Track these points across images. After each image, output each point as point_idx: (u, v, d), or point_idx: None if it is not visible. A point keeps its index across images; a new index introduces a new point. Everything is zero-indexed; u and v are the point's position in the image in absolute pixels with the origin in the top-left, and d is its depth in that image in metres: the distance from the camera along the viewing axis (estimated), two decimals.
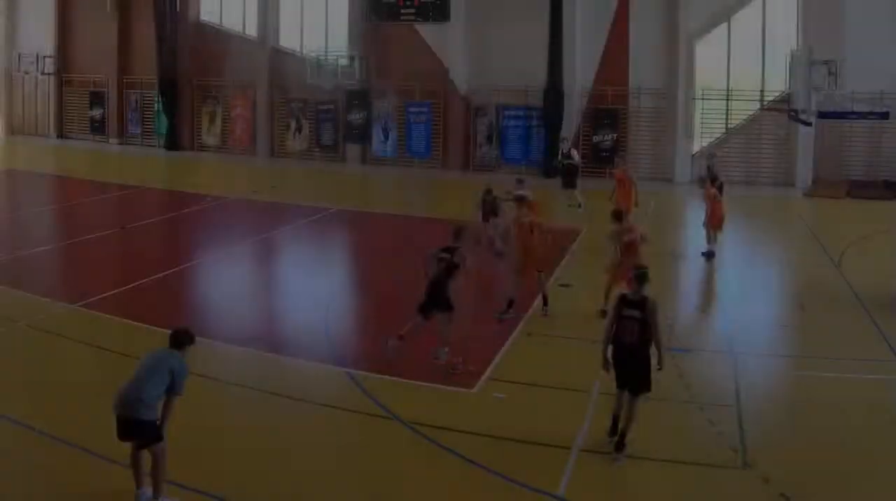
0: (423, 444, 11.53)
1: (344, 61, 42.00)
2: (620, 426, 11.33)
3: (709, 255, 22.97)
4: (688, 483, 10.69)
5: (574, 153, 31.74)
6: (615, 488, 10.71)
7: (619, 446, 11.19)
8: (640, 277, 11.53)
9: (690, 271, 23.01)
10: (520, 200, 18.59)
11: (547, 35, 38.62)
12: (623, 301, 11.49)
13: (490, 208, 22.09)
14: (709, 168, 27.63)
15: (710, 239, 23.14)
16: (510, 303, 17.09)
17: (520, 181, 22.37)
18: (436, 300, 14.25)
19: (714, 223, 22.99)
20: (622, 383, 11.37)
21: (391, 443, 11.67)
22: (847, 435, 11.99)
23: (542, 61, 38.91)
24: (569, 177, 31.01)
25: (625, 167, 26.26)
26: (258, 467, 10.71)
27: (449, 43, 41.31)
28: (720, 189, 24.77)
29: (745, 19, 38.18)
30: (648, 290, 11.56)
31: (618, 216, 17.69)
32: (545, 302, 17.57)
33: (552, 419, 12.44)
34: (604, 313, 15.43)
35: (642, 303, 11.26)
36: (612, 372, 11.49)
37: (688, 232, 27.47)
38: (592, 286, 17.75)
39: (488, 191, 22.39)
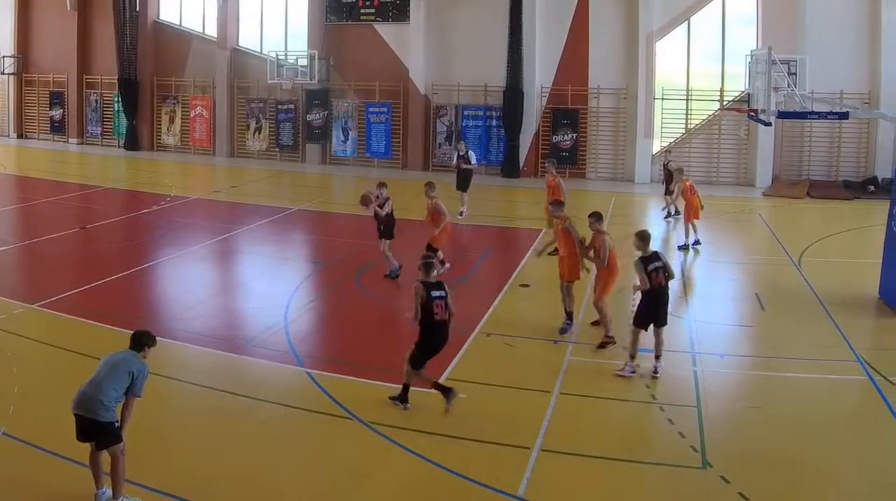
0: (382, 443, 11.23)
1: (304, 61, 40.29)
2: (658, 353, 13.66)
3: (693, 244, 23.17)
4: (648, 483, 10.50)
5: (472, 155, 28.90)
6: (575, 488, 10.27)
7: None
8: (643, 236, 14.05)
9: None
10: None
11: (507, 35, 37.22)
12: (644, 260, 13.66)
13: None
14: (664, 166, 27.44)
15: (689, 231, 23.27)
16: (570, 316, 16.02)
17: (381, 185, 20.20)
18: None
19: (692, 215, 23.01)
20: (657, 321, 13.71)
21: (351, 443, 11.33)
22: (807, 435, 11.69)
23: (502, 61, 37.48)
24: (463, 180, 28.17)
25: (554, 174, 24.13)
26: (218, 466, 10.50)
27: (409, 43, 39.57)
28: (669, 182, 25.64)
29: (705, 19, 36.86)
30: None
31: (559, 205, 16.99)
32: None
33: (512, 419, 12.08)
34: (596, 323, 15.65)
35: (657, 256, 13.82)
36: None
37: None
38: (553, 286, 16.65)
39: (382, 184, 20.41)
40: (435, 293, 12.02)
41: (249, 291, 19.42)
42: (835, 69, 32.99)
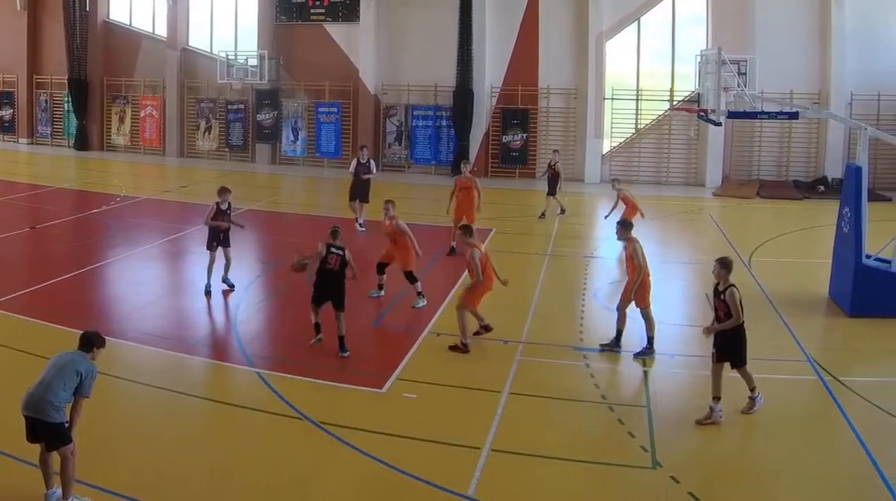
0: (333, 444, 10.72)
1: (254, 61, 37.89)
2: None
3: None
4: (598, 483, 10.06)
5: (373, 164, 25.06)
6: (525, 488, 9.81)
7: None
8: (726, 264, 12.14)
9: (602, 272, 20.65)
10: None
11: (457, 35, 35.06)
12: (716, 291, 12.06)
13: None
14: (550, 166, 26.81)
15: None
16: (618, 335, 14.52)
17: (223, 190, 17.91)
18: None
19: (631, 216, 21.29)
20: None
21: (301, 443, 10.82)
22: (756, 435, 11.35)
23: (452, 61, 35.32)
24: (362, 189, 24.37)
25: (470, 176, 22.10)
26: (167, 466, 10.05)
27: (359, 43, 37.19)
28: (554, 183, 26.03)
29: (655, 19, 34.87)
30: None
31: (467, 231, 14.96)
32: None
33: (462, 418, 11.62)
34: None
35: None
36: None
37: (600, 232, 24.42)
38: (497, 288, 15.09)
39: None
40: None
41: (199, 291, 17.80)
42: (785, 69, 31.71)
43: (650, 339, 14.21)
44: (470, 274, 14.24)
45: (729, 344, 11.68)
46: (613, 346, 14.23)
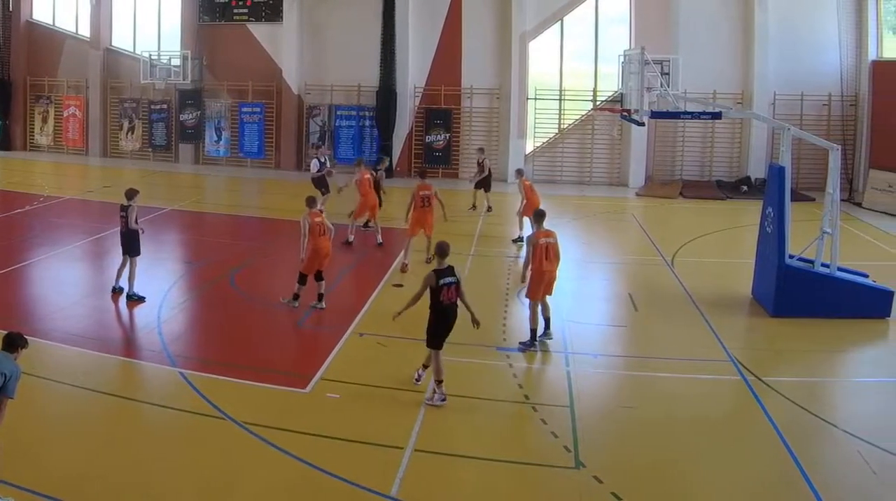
0: (256, 444, 9.89)
1: (177, 61, 34.16)
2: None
3: (520, 240, 20.61)
4: (521, 483, 9.27)
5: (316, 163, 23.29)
6: (448, 488, 9.17)
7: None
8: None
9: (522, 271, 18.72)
10: None
11: (380, 35, 31.85)
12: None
13: None
14: (479, 163, 25.06)
15: (522, 226, 21.22)
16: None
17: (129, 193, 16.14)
18: None
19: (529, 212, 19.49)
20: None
21: (224, 443, 9.96)
22: (678, 435, 10.53)
23: (376, 61, 32.03)
24: (323, 185, 22.86)
25: (364, 169, 20.99)
26: (92, 466, 9.28)
27: (282, 43, 33.53)
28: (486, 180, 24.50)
29: (578, 19, 31.81)
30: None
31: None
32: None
33: (386, 419, 10.82)
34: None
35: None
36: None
37: (524, 232, 22.22)
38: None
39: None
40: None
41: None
42: (708, 69, 29.27)
43: (533, 332, 13.33)
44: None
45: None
46: (529, 346, 13.32)
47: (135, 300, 15.51)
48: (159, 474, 9.27)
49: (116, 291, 15.83)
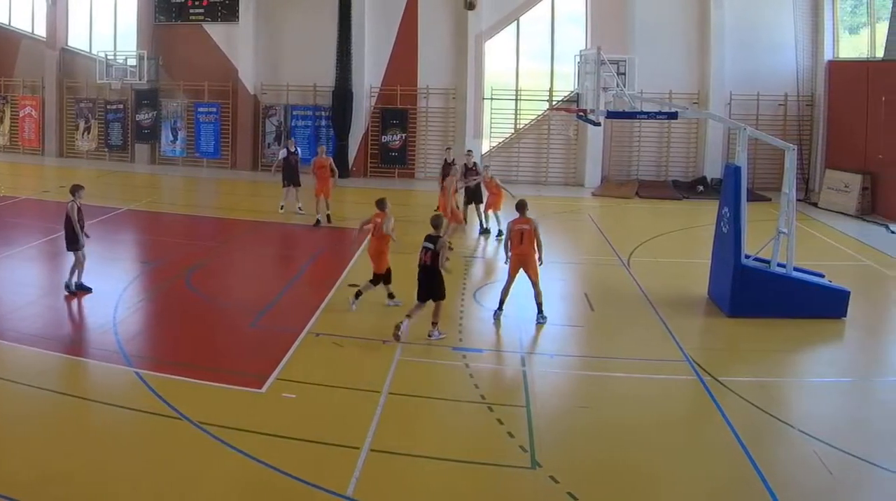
0: (211, 444, 9.42)
1: (133, 61, 32.18)
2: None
3: (484, 232, 21.12)
4: (477, 483, 8.91)
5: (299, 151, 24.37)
6: (404, 488, 8.74)
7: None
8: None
9: (480, 271, 18.86)
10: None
11: (336, 35, 30.10)
12: None
13: None
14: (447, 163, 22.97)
15: (486, 219, 21.22)
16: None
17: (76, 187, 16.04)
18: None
19: (491, 206, 20.94)
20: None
21: (179, 443, 9.49)
22: (635, 435, 9.99)
23: (332, 61, 30.22)
24: (295, 174, 23.80)
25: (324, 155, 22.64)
26: (49, 467, 8.77)
27: (238, 43, 31.66)
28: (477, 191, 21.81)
29: (534, 19, 30.20)
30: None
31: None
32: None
33: (342, 419, 10.21)
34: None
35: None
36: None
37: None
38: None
39: None
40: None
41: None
42: (664, 69, 27.68)
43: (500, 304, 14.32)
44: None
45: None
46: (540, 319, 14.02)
47: (83, 291, 15.16)
48: (117, 474, 8.82)
49: (70, 291, 15.17)
